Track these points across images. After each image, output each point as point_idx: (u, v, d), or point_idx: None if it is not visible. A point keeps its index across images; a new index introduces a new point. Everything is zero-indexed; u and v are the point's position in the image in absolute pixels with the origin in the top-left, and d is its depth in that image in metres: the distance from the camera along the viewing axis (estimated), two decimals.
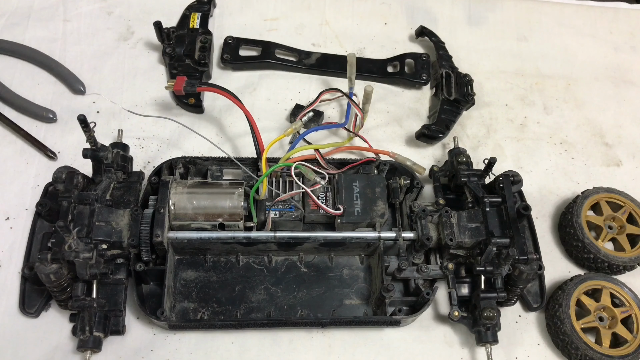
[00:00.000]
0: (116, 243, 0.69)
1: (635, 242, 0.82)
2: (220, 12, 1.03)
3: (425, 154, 0.92)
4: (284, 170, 0.79)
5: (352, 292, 0.77)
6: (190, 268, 0.76)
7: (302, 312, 0.75)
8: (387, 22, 1.06)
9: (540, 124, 0.97)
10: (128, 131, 0.86)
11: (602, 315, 0.76)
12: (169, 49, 0.91)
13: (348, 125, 0.88)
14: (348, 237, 0.75)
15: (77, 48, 0.96)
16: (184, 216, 0.72)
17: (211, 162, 0.80)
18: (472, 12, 1.09)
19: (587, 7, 1.12)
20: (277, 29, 1.03)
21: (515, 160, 0.93)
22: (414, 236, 0.75)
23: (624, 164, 0.94)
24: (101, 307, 0.69)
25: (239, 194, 0.73)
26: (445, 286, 0.75)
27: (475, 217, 0.75)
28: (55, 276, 0.65)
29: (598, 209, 0.85)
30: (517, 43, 1.06)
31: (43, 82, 0.92)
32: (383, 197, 0.78)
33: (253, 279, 0.76)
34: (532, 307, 0.78)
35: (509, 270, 0.73)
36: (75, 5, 1.00)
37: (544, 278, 0.79)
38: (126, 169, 0.77)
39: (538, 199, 0.89)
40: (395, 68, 0.99)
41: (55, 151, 0.85)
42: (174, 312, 0.73)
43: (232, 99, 0.81)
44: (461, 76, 0.96)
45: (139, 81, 0.94)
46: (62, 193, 0.69)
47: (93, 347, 0.68)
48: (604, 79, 1.04)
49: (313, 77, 0.98)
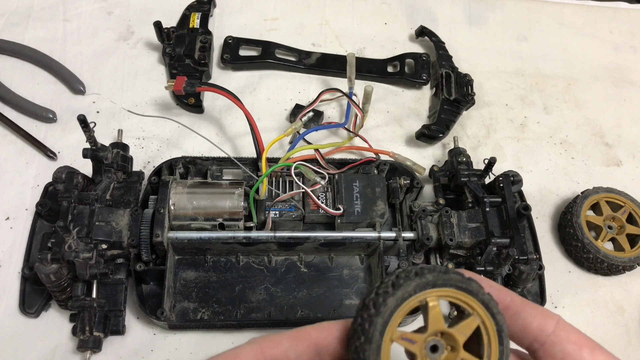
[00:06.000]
0: (116, 243, 0.69)
1: (635, 242, 0.82)
2: (220, 12, 1.03)
3: (425, 154, 0.92)
4: (284, 170, 0.79)
5: (352, 292, 0.77)
6: (190, 268, 0.76)
7: (302, 312, 0.75)
8: (387, 22, 1.06)
9: (540, 124, 0.97)
10: (128, 131, 0.86)
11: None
12: (169, 49, 0.92)
13: (348, 125, 0.88)
14: (348, 237, 0.75)
15: (77, 48, 0.96)
16: (184, 216, 0.72)
17: (211, 162, 0.80)
18: (472, 12, 1.09)
19: (587, 7, 1.12)
20: (277, 29, 1.03)
21: (515, 160, 0.93)
22: (414, 236, 0.75)
23: (624, 164, 0.94)
24: (101, 307, 0.70)
25: (239, 194, 0.73)
26: None
27: (475, 217, 0.75)
28: (55, 276, 0.65)
29: (598, 209, 0.85)
30: (517, 43, 1.06)
31: (43, 82, 0.92)
32: (383, 197, 0.78)
33: (253, 279, 0.76)
34: None
35: (509, 270, 0.73)
36: (75, 5, 1.00)
37: (544, 278, 0.79)
38: (126, 169, 0.77)
39: (538, 199, 0.89)
40: (395, 68, 0.99)
41: (55, 151, 0.85)
42: (174, 312, 0.73)
43: (232, 99, 0.81)
44: (461, 76, 0.96)
45: (139, 81, 0.94)
46: (62, 193, 0.69)
47: (93, 347, 0.68)
48: (604, 79, 1.04)
49: (313, 77, 0.98)
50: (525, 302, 0.42)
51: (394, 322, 0.36)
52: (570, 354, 0.39)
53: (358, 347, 0.36)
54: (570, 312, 0.80)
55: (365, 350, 0.35)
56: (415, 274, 0.37)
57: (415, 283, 0.37)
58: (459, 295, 0.38)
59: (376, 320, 0.36)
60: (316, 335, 0.39)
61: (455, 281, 0.37)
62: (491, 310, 0.38)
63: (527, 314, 0.40)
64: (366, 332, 0.36)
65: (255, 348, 0.38)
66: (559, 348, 0.39)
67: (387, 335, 0.36)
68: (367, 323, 0.36)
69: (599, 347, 0.39)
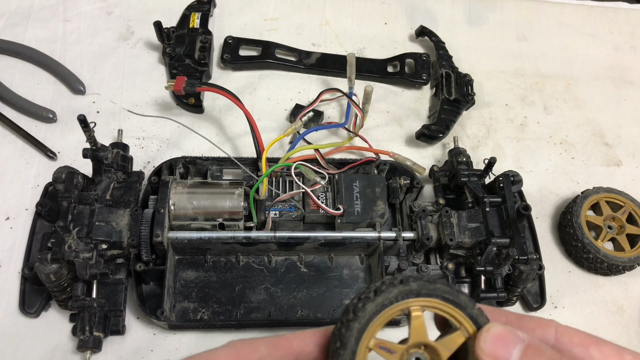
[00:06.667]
0: (116, 243, 0.69)
1: (635, 242, 0.82)
2: (220, 12, 1.03)
3: (425, 154, 0.92)
4: (284, 170, 0.79)
5: (352, 292, 0.77)
6: (190, 268, 0.76)
7: (302, 312, 0.75)
8: (387, 22, 1.06)
9: (540, 124, 0.97)
10: (128, 131, 0.86)
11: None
12: (169, 49, 0.92)
13: (348, 125, 0.88)
14: (348, 237, 0.75)
15: (77, 48, 0.96)
16: (184, 216, 0.72)
17: (211, 162, 0.80)
18: (472, 12, 1.09)
19: (587, 7, 1.12)
20: (277, 29, 1.03)
21: (515, 160, 0.93)
22: (414, 236, 0.75)
23: (624, 164, 0.94)
24: (101, 307, 0.70)
25: (239, 194, 0.73)
26: None
27: (475, 217, 0.75)
28: (55, 276, 0.65)
29: (598, 209, 0.85)
30: (517, 43, 1.06)
31: (43, 82, 0.92)
32: (383, 197, 0.78)
33: (253, 279, 0.76)
34: (532, 307, 0.78)
35: (509, 270, 0.73)
36: (75, 5, 1.00)
37: (544, 278, 0.79)
38: (126, 169, 0.77)
39: (538, 199, 0.89)
40: (395, 68, 0.99)
41: (55, 151, 0.85)
42: (174, 312, 0.73)
43: (232, 99, 0.81)
44: (461, 76, 0.96)
45: (139, 81, 0.94)
46: (62, 193, 0.69)
47: (93, 347, 0.68)
48: (604, 79, 1.04)
49: (313, 77, 0.98)
50: (520, 316, 0.41)
51: (371, 329, 0.35)
52: (580, 356, 0.38)
53: (334, 352, 0.35)
54: (570, 312, 0.80)
55: (340, 356, 0.34)
56: (400, 281, 0.36)
57: (398, 290, 0.35)
58: (446, 308, 0.36)
59: (353, 325, 0.35)
60: (297, 343, 0.37)
61: (442, 292, 0.36)
62: (480, 326, 0.36)
63: (526, 328, 0.39)
64: (342, 337, 0.35)
65: (231, 351, 0.37)
66: (567, 354, 0.39)
67: (363, 342, 0.35)
68: (344, 328, 0.35)
69: (601, 340, 0.39)
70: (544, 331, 0.40)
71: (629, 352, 0.38)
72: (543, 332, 0.40)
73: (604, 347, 0.38)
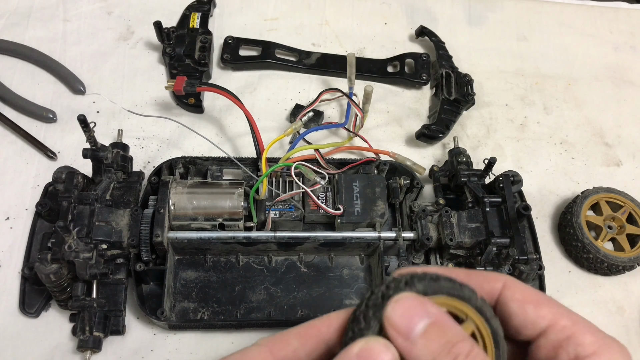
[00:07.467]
0: (116, 243, 0.69)
1: (635, 242, 0.82)
2: (220, 12, 1.03)
3: (425, 154, 0.92)
4: (284, 170, 0.79)
5: (352, 292, 0.77)
6: (190, 268, 0.76)
7: (302, 312, 0.75)
8: (387, 22, 1.06)
9: (540, 124, 0.97)
10: (128, 131, 0.86)
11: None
12: (169, 49, 0.92)
13: (348, 125, 0.88)
14: (348, 237, 0.75)
15: (77, 48, 0.96)
16: (184, 216, 0.72)
17: (211, 162, 0.80)
18: (472, 12, 1.09)
19: (587, 7, 1.12)
20: (277, 29, 1.03)
21: (515, 160, 0.93)
22: (414, 236, 0.75)
23: (624, 164, 0.94)
24: (101, 307, 0.70)
25: (239, 194, 0.73)
26: None
27: (475, 217, 0.75)
28: (55, 276, 0.65)
29: (598, 209, 0.85)
30: (517, 43, 1.06)
31: (43, 82, 0.92)
32: (383, 197, 0.78)
33: (253, 279, 0.76)
34: None
35: (509, 270, 0.73)
36: (75, 5, 1.01)
37: (544, 278, 0.79)
38: (126, 169, 0.77)
39: (538, 199, 0.89)
40: (395, 68, 0.99)
41: (55, 151, 0.85)
42: (174, 312, 0.73)
43: (232, 99, 0.81)
44: (461, 76, 0.96)
45: (139, 81, 0.94)
46: (62, 193, 0.69)
47: (93, 347, 0.68)
48: (604, 79, 1.04)
49: (313, 77, 0.98)
50: (469, 272, 0.41)
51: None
52: (515, 312, 0.38)
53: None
54: None
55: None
56: (405, 283, 0.36)
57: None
58: (452, 302, 0.37)
59: (367, 334, 0.35)
60: (325, 329, 0.38)
61: (447, 289, 0.37)
62: (485, 315, 0.37)
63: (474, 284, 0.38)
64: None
65: (263, 350, 0.37)
66: (505, 308, 0.38)
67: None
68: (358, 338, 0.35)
69: (546, 300, 0.38)
70: (491, 285, 0.39)
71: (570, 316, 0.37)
72: (490, 286, 0.39)
73: (544, 307, 0.37)
